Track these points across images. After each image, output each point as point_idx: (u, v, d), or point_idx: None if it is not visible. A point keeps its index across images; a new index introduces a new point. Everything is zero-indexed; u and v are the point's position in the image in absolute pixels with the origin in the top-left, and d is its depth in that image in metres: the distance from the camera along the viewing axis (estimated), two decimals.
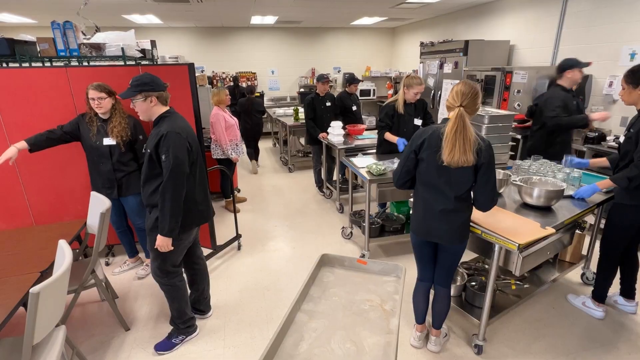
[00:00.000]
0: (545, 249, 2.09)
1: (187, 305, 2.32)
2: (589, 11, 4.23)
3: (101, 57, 3.24)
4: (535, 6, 4.95)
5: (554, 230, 1.93)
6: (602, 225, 2.50)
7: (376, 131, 4.97)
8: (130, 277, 3.08)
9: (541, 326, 2.46)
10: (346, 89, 4.85)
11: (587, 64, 3.28)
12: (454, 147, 1.74)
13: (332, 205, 4.60)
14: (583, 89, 4.20)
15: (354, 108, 4.89)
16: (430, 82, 6.04)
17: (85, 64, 3.40)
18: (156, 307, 2.71)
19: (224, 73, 8.60)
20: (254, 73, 8.76)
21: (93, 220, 2.37)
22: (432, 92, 5.98)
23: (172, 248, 2.03)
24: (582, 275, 2.92)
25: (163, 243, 1.98)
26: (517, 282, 2.53)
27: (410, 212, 3.45)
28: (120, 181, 2.75)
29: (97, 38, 3.30)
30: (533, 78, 4.44)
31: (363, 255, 3.20)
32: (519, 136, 4.34)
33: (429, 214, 1.93)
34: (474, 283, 2.44)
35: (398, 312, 1.41)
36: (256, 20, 7.34)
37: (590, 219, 3.25)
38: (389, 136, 3.44)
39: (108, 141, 2.64)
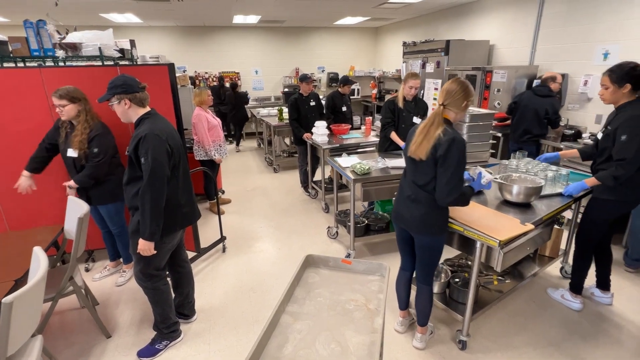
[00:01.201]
0: (525, 244, 2.14)
1: (171, 309, 2.28)
2: (564, 12, 4.35)
3: (77, 57, 3.15)
4: (513, 7, 5.07)
5: (533, 227, 1.97)
6: (579, 220, 2.57)
7: (361, 130, 5.04)
8: (111, 283, 3.01)
9: (522, 320, 2.51)
10: (339, 89, 4.84)
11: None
12: (415, 141, 1.87)
13: (318, 205, 4.60)
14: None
15: (344, 108, 4.89)
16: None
17: (61, 64, 3.30)
18: (139, 312, 2.65)
19: (206, 73, 8.49)
20: (237, 73, 8.68)
21: (71, 225, 2.30)
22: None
23: (155, 252, 1.99)
24: (561, 269, 3.01)
25: (145, 247, 1.94)
26: (499, 277, 2.58)
27: None
28: (89, 192, 2.66)
29: (73, 37, 3.20)
30: (512, 77, 4.55)
31: (349, 255, 3.21)
32: (499, 134, 4.44)
33: (400, 198, 2.08)
34: (457, 280, 2.48)
35: (382, 311, 1.42)
36: (239, 19, 7.27)
37: (567, 214, 3.34)
38: (394, 137, 3.48)
39: (70, 152, 2.53)
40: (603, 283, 2.62)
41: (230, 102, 7.37)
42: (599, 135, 2.32)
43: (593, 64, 4.05)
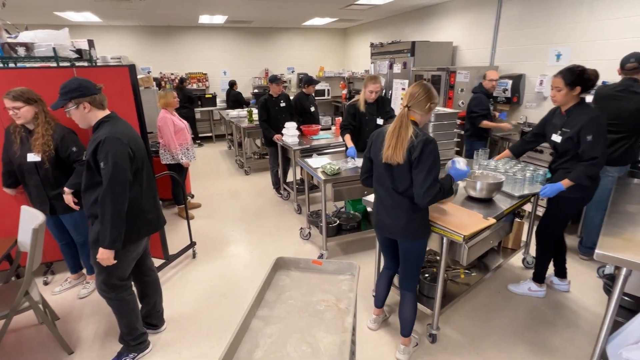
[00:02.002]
0: (488, 238, 2.23)
1: (138, 320, 2.19)
2: (520, 16, 4.58)
3: (29, 57, 2.97)
4: (474, 10, 5.27)
5: (495, 221, 2.06)
6: (539, 213, 2.72)
7: (331, 130, 5.06)
8: (72, 296, 2.86)
9: (489, 310, 2.62)
10: (303, 90, 4.85)
11: None
12: (389, 145, 1.85)
13: (290, 206, 4.58)
14: (517, 86, 4.54)
15: (312, 109, 4.91)
16: (382, 81, 6.21)
17: (12, 65, 3.10)
18: (103, 325, 2.53)
19: (172, 74, 8.25)
20: (205, 74, 8.50)
21: (25, 237, 2.16)
22: (384, 91, 6.16)
23: (115, 262, 1.91)
24: (523, 260, 3.16)
25: (104, 256, 1.86)
26: (466, 271, 2.67)
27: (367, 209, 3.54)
28: (52, 200, 2.52)
29: (25, 37, 3.02)
30: (474, 77, 4.73)
31: (321, 255, 3.22)
32: (463, 132, 4.59)
33: (381, 209, 2.04)
34: (427, 275, 2.54)
35: (352, 309, 1.43)
36: (205, 19, 7.12)
37: (527, 207, 3.51)
38: (347, 139, 3.48)
39: (32, 157, 2.38)
40: (560, 271, 2.78)
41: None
42: (556, 138, 2.39)
43: (547, 65, 4.28)
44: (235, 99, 7.81)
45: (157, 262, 2.99)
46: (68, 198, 2.46)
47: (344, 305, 1.52)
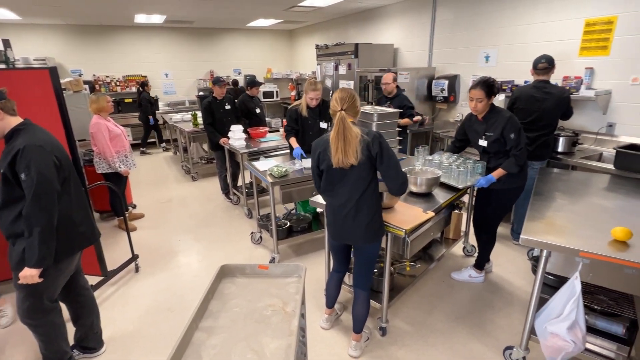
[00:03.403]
0: (429, 230, 2.34)
1: (67, 343, 2.02)
2: (452, 20, 4.88)
3: None
4: (411, 13, 5.53)
5: (433, 214, 2.17)
6: (476, 205, 2.90)
7: (280, 132, 5.03)
8: None
9: (434, 299, 2.76)
10: (247, 91, 4.78)
11: None
12: (337, 149, 1.85)
13: (241, 211, 4.48)
14: (453, 86, 4.83)
15: (257, 111, 4.85)
16: (328, 83, 6.30)
17: None
18: (32, 354, 2.29)
19: (107, 77, 7.71)
20: (145, 76, 8.03)
21: None
22: (330, 92, 6.25)
23: (41, 280, 1.73)
24: (464, 248, 3.37)
25: (29, 274, 1.68)
26: (412, 263, 2.79)
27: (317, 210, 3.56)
28: None
29: None
30: (414, 78, 4.96)
31: (273, 259, 3.19)
32: (407, 131, 4.79)
33: (337, 218, 2.01)
34: (375, 270, 2.61)
35: (298, 312, 1.43)
36: (141, 18, 6.74)
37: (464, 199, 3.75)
38: (292, 141, 3.49)
39: None
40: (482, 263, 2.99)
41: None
42: (483, 143, 2.60)
43: (478, 66, 4.61)
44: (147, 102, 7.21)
45: (94, 279, 2.78)
46: None
47: (291, 308, 1.51)
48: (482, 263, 2.92)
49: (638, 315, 2.02)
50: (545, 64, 3.05)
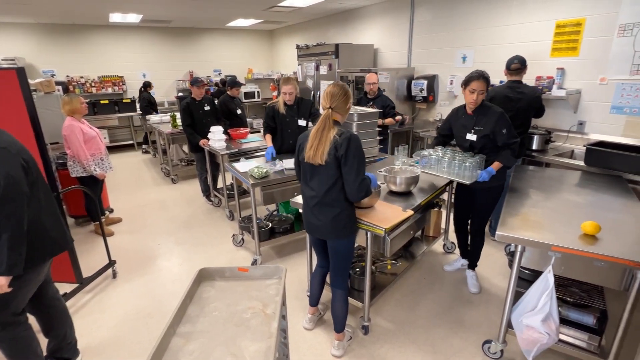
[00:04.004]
0: (408, 228, 2.37)
1: (38, 356, 1.94)
2: (430, 20, 4.96)
3: None
4: (391, 14, 5.59)
5: (412, 212, 2.20)
6: (455, 202, 2.95)
7: (262, 133, 5.00)
8: None
9: (416, 296, 2.79)
10: (228, 92, 4.73)
11: None
12: (311, 146, 1.88)
13: (222, 213, 4.43)
14: (432, 86, 4.91)
15: (239, 111, 4.80)
16: (309, 83, 6.30)
17: None
18: None
19: (82, 78, 7.47)
20: (121, 77, 7.83)
21: None
22: (312, 92, 6.25)
23: (10, 289, 1.66)
24: (444, 245, 3.42)
25: None
26: (393, 261, 2.82)
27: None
28: None
29: None
30: (394, 78, 5.01)
31: (255, 261, 3.16)
32: (388, 131, 4.84)
33: (308, 209, 2.07)
34: (357, 269, 2.63)
35: (278, 314, 1.42)
36: (116, 18, 6.57)
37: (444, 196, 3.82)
38: (267, 139, 3.52)
39: None
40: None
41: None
42: (472, 137, 2.57)
43: (455, 66, 4.70)
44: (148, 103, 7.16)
45: (69, 287, 2.70)
46: None
47: (271, 310, 1.50)
48: (476, 262, 2.92)
49: (608, 305, 2.10)
50: (517, 65, 3.14)
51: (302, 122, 3.51)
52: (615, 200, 2.27)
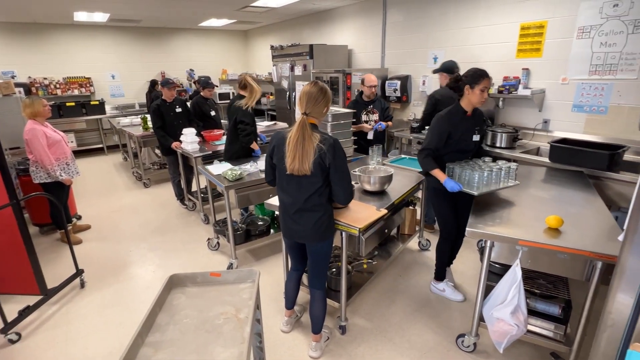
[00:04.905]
0: (383, 227, 2.39)
1: None
2: (402, 22, 5.04)
3: None
4: (363, 15, 5.64)
5: (386, 211, 2.22)
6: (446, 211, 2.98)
7: None
8: None
9: (392, 294, 2.83)
10: (201, 93, 4.63)
11: None
12: (294, 157, 1.82)
13: (197, 217, 4.33)
14: (405, 86, 4.99)
15: (213, 113, 4.71)
16: (285, 84, 6.27)
17: None
18: None
19: (45, 79, 7.13)
20: (89, 78, 7.53)
21: None
22: (287, 93, 6.23)
23: None
24: (419, 243, 3.48)
25: None
26: (369, 260, 2.84)
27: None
28: None
29: None
30: None
31: (231, 265, 3.11)
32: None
33: (287, 215, 2.02)
34: (333, 270, 2.63)
35: (251, 318, 1.40)
36: (81, 16, 6.30)
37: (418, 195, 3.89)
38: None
39: None
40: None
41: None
42: (477, 138, 2.44)
43: (427, 67, 4.79)
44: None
45: (32, 299, 2.56)
46: None
47: (244, 315, 1.48)
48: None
49: (572, 295, 2.20)
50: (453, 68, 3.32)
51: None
52: (576, 195, 2.38)
